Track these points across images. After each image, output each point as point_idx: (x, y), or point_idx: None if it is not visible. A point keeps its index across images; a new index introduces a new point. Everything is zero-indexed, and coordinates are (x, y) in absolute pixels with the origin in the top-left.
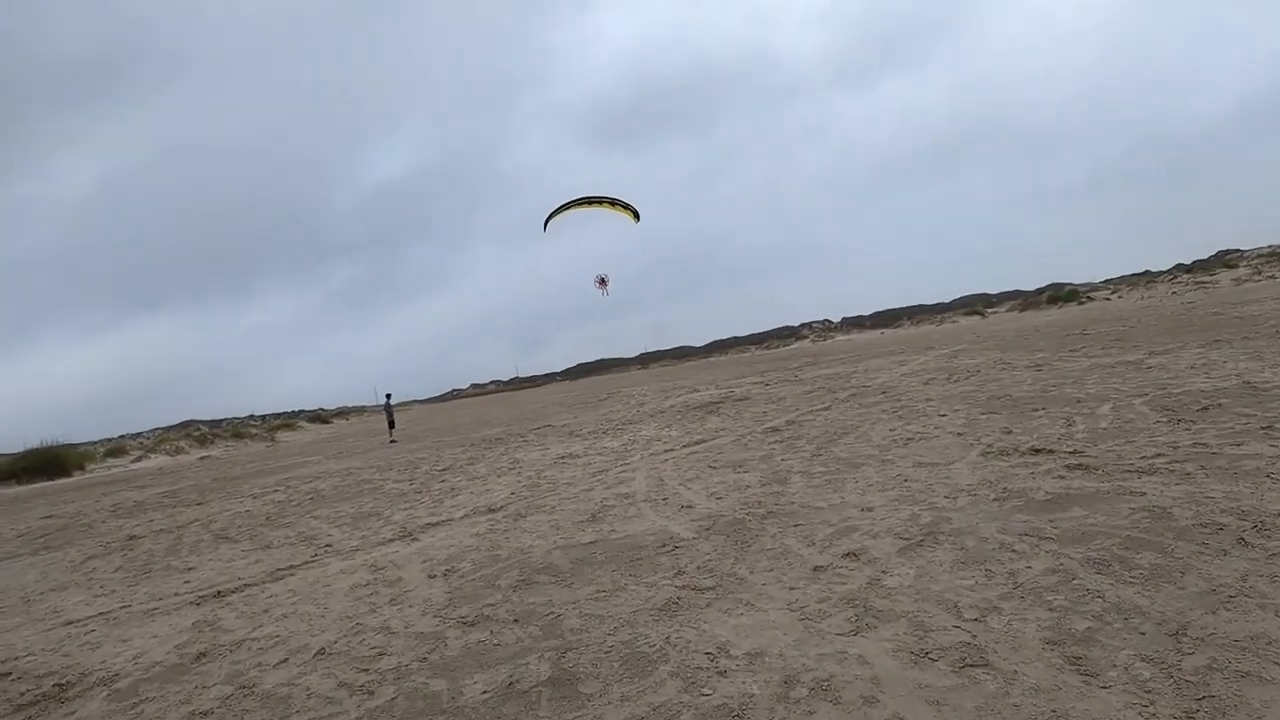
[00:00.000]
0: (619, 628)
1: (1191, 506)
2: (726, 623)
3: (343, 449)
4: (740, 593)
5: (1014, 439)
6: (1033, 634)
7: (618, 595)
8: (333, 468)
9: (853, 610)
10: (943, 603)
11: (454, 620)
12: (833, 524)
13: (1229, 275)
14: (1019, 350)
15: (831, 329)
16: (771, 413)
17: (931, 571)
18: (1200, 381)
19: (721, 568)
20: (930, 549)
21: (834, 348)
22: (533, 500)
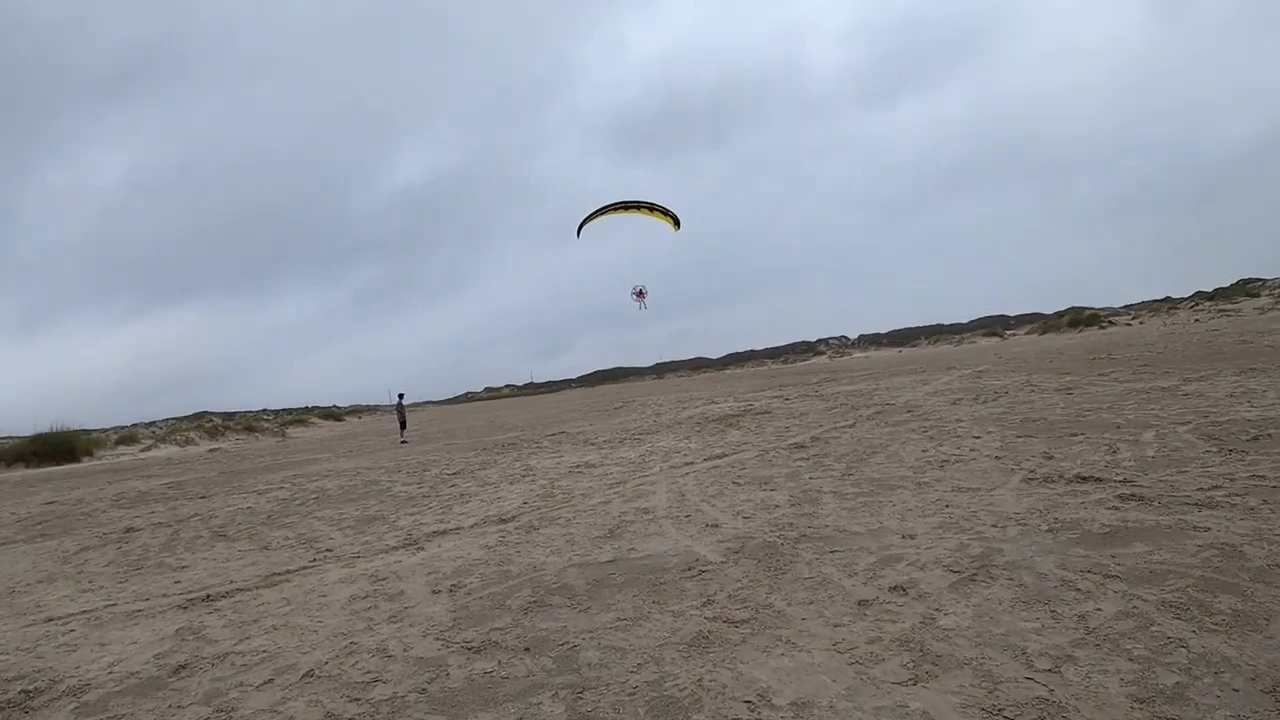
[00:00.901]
0: (643, 664)
1: (1263, 545)
2: (765, 664)
3: (353, 447)
4: (779, 628)
5: (1057, 465)
6: (1116, 689)
7: (640, 625)
8: (341, 466)
9: (908, 655)
10: (1008, 649)
11: (458, 645)
12: (873, 552)
13: (1251, 304)
14: (1046, 373)
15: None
16: (794, 428)
17: (991, 611)
18: (1245, 410)
19: (755, 598)
20: (985, 585)
21: (852, 364)
22: (546, 511)
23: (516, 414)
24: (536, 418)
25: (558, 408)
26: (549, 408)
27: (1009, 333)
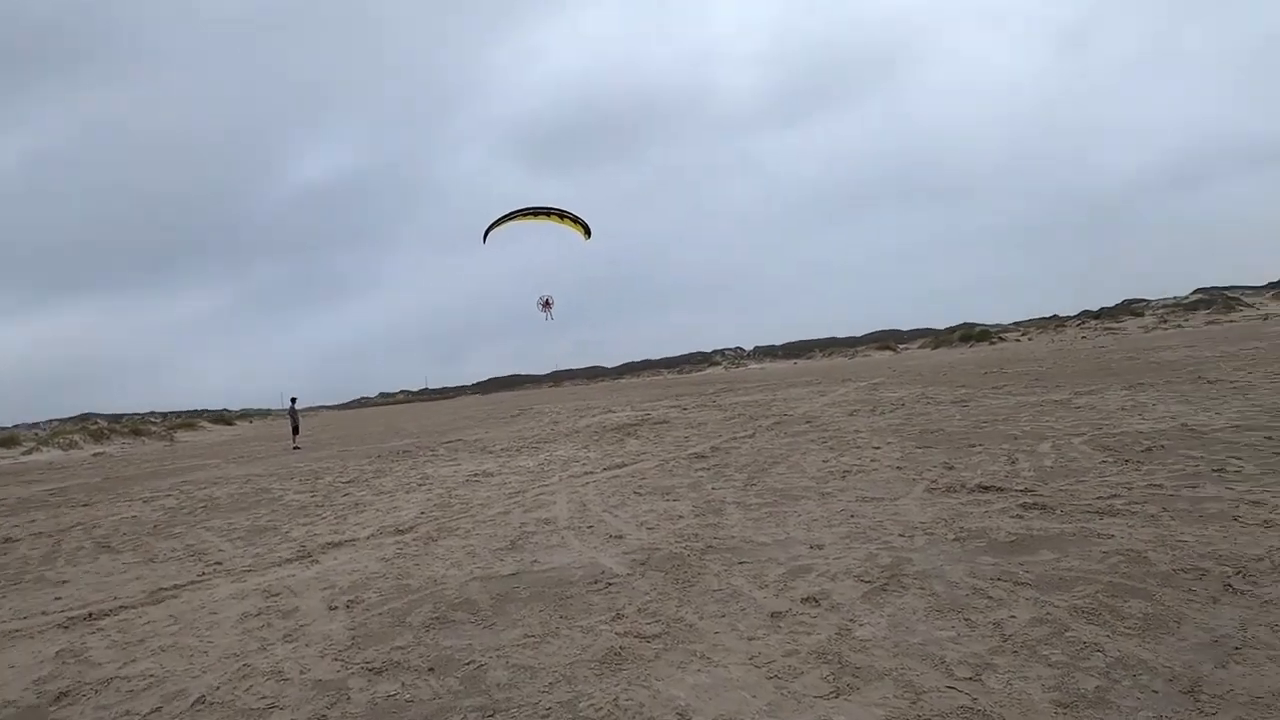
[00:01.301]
0: (555, 684)
1: (1167, 551)
2: (683, 681)
3: (244, 453)
4: (692, 642)
5: (958, 475)
6: (1039, 695)
7: (549, 642)
8: (231, 473)
9: (827, 667)
10: (927, 658)
11: (358, 666)
12: (782, 562)
13: (1136, 323)
14: (941, 385)
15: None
16: (693, 438)
17: (906, 621)
18: (1137, 423)
19: (665, 611)
20: (897, 594)
21: (748, 375)
22: (445, 522)
23: (412, 420)
24: (433, 424)
25: (454, 414)
26: (445, 414)
27: (902, 347)
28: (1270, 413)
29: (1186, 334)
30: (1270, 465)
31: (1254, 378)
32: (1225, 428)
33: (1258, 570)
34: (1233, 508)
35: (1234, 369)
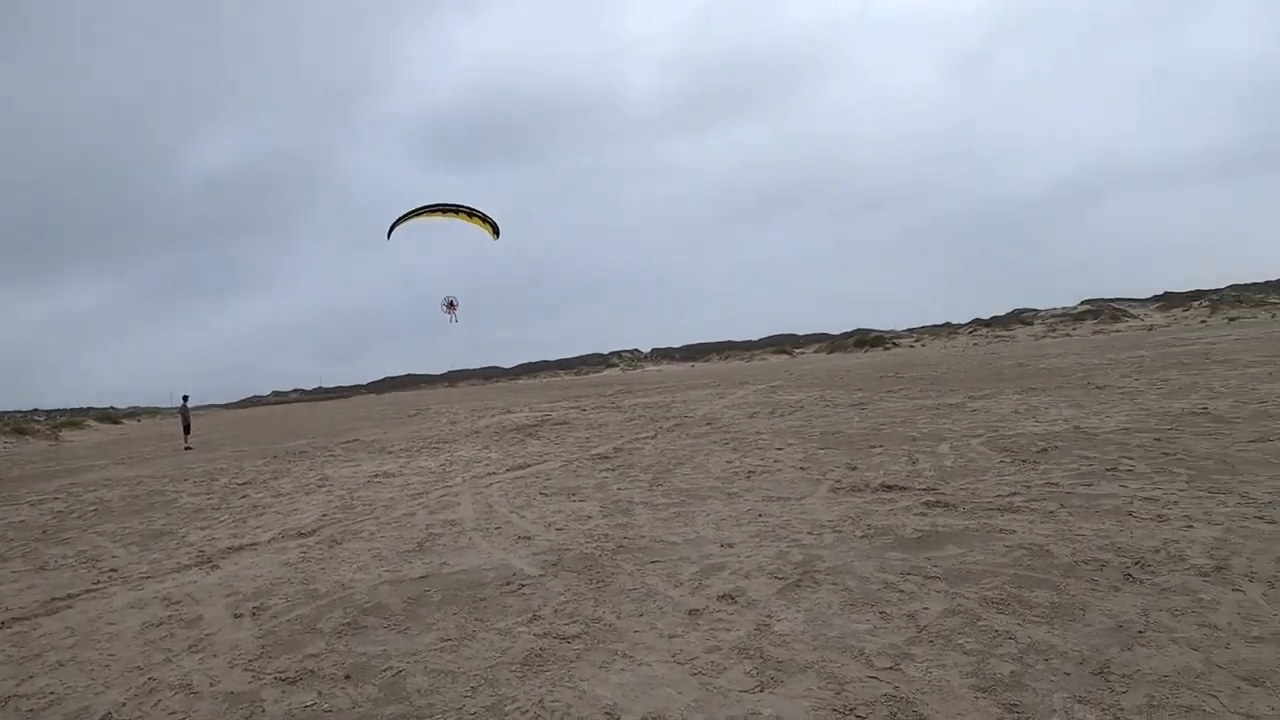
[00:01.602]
0: (477, 688)
1: (1067, 544)
2: (607, 680)
3: (133, 453)
4: (613, 642)
5: (861, 475)
6: (958, 681)
7: (467, 645)
8: (121, 474)
9: (750, 662)
10: (847, 650)
11: (271, 676)
12: (695, 561)
13: (1026, 331)
14: (838, 389)
15: (642, 359)
16: (595, 439)
17: (822, 615)
18: (1030, 425)
19: (582, 611)
20: (812, 590)
21: (646, 377)
22: (348, 524)
23: (307, 420)
24: (328, 424)
25: (349, 414)
26: (340, 414)
27: (798, 351)
28: (1157, 416)
29: (1074, 342)
30: (1160, 465)
31: (1140, 384)
32: (1116, 430)
33: (1154, 561)
34: (1127, 504)
35: (1121, 376)
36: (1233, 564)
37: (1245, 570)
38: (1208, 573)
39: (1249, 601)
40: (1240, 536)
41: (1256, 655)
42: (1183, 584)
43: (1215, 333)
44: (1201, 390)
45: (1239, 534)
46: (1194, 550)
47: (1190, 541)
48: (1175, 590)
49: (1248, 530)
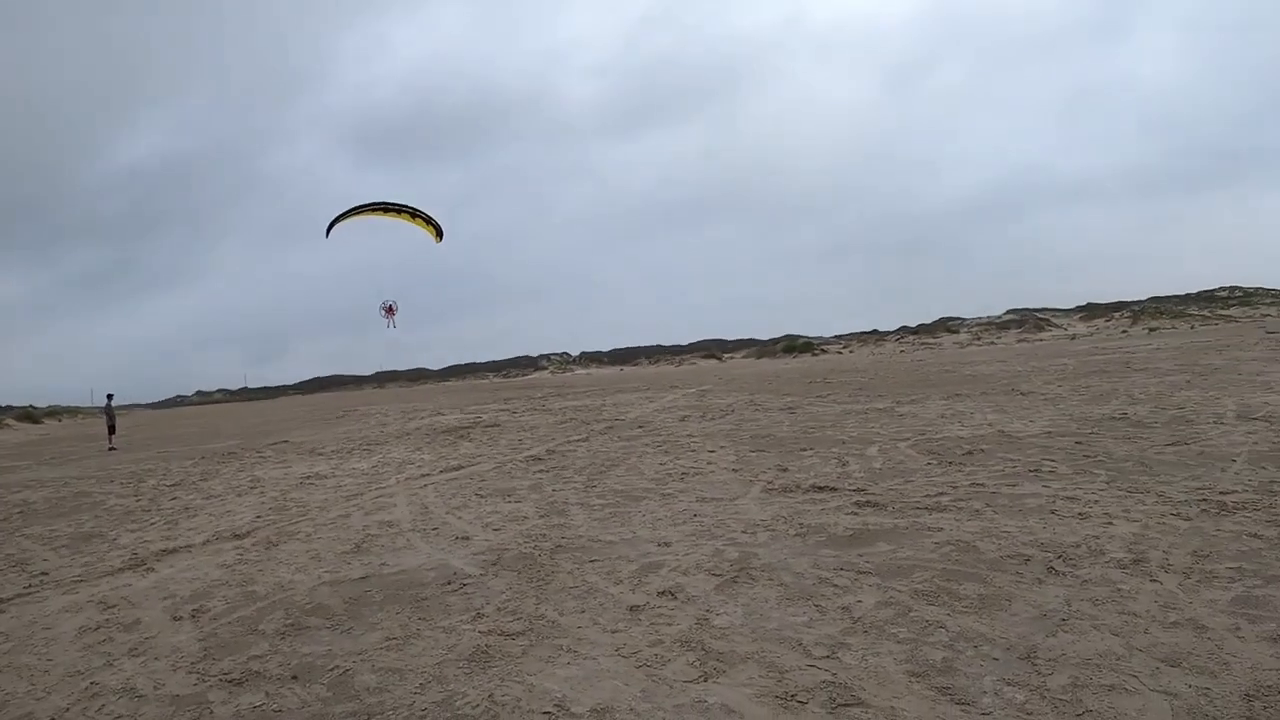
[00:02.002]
0: (426, 684)
1: (993, 540)
2: (554, 674)
3: (56, 454)
4: (557, 638)
5: (792, 476)
6: (893, 668)
7: (413, 643)
8: (45, 475)
9: (692, 654)
10: (785, 641)
11: (216, 678)
12: (633, 559)
13: (951, 339)
14: (768, 393)
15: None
16: (527, 441)
17: (760, 609)
18: (956, 429)
19: (525, 609)
20: (749, 585)
21: (575, 380)
22: (283, 526)
23: (233, 421)
24: (255, 425)
25: (276, 415)
26: (267, 415)
27: (727, 356)
28: (1079, 421)
29: (999, 350)
30: (1081, 466)
31: (1063, 390)
32: (1039, 434)
33: (1076, 555)
34: (1050, 503)
35: (1044, 383)
36: (1150, 557)
37: (1162, 563)
38: (1126, 565)
39: (1166, 591)
40: (1157, 532)
41: (1174, 639)
42: (1103, 576)
43: (1135, 342)
44: (1121, 396)
45: (1156, 530)
46: (1113, 545)
47: (1110, 537)
48: (1096, 582)
49: (1164, 526)
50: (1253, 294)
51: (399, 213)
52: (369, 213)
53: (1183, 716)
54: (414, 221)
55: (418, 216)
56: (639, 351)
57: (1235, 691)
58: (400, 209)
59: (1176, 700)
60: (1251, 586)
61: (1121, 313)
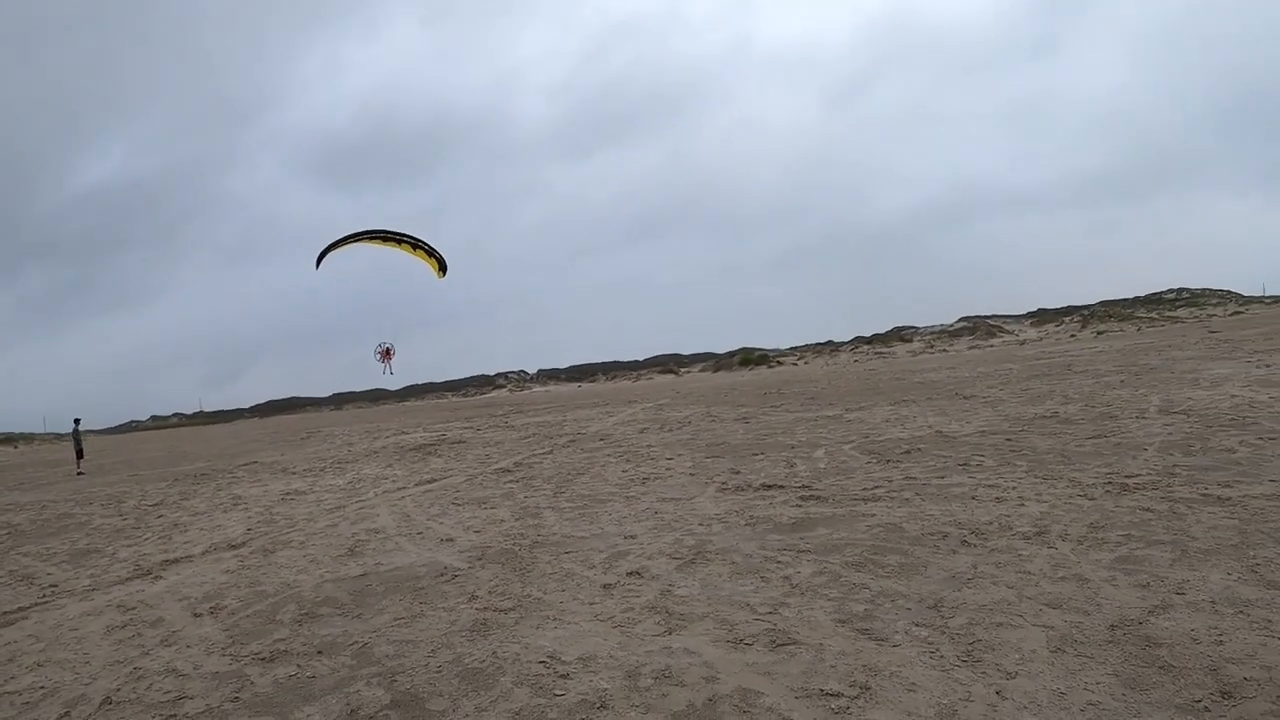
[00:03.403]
0: (437, 649)
1: (917, 522)
2: (545, 635)
3: (23, 479)
4: (543, 610)
5: (744, 478)
6: (823, 618)
7: (419, 621)
8: (21, 499)
9: (659, 616)
10: (735, 604)
11: (248, 657)
12: (603, 550)
13: (905, 348)
14: (723, 405)
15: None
16: (495, 455)
17: (714, 582)
18: (898, 432)
19: (513, 591)
20: (704, 565)
21: (534, 398)
22: (275, 536)
23: (195, 444)
24: (219, 448)
25: (238, 438)
26: (229, 438)
27: (683, 370)
28: (1011, 420)
29: (950, 357)
30: (1006, 459)
31: (1004, 394)
32: (973, 433)
33: (988, 530)
34: (972, 490)
35: (988, 387)
36: (1052, 529)
37: (1061, 534)
38: (1030, 537)
39: (1059, 555)
40: (1063, 510)
41: (1058, 589)
42: (1008, 545)
43: (1082, 345)
44: (1057, 397)
45: (1062, 508)
46: (1021, 522)
47: (1020, 516)
48: (1002, 550)
49: (1070, 505)
50: (1199, 295)
51: (399, 243)
52: (366, 240)
53: (1055, 642)
54: (415, 253)
55: (419, 248)
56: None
57: (1102, 624)
58: (400, 239)
59: (1052, 631)
60: (1134, 549)
61: (1071, 317)
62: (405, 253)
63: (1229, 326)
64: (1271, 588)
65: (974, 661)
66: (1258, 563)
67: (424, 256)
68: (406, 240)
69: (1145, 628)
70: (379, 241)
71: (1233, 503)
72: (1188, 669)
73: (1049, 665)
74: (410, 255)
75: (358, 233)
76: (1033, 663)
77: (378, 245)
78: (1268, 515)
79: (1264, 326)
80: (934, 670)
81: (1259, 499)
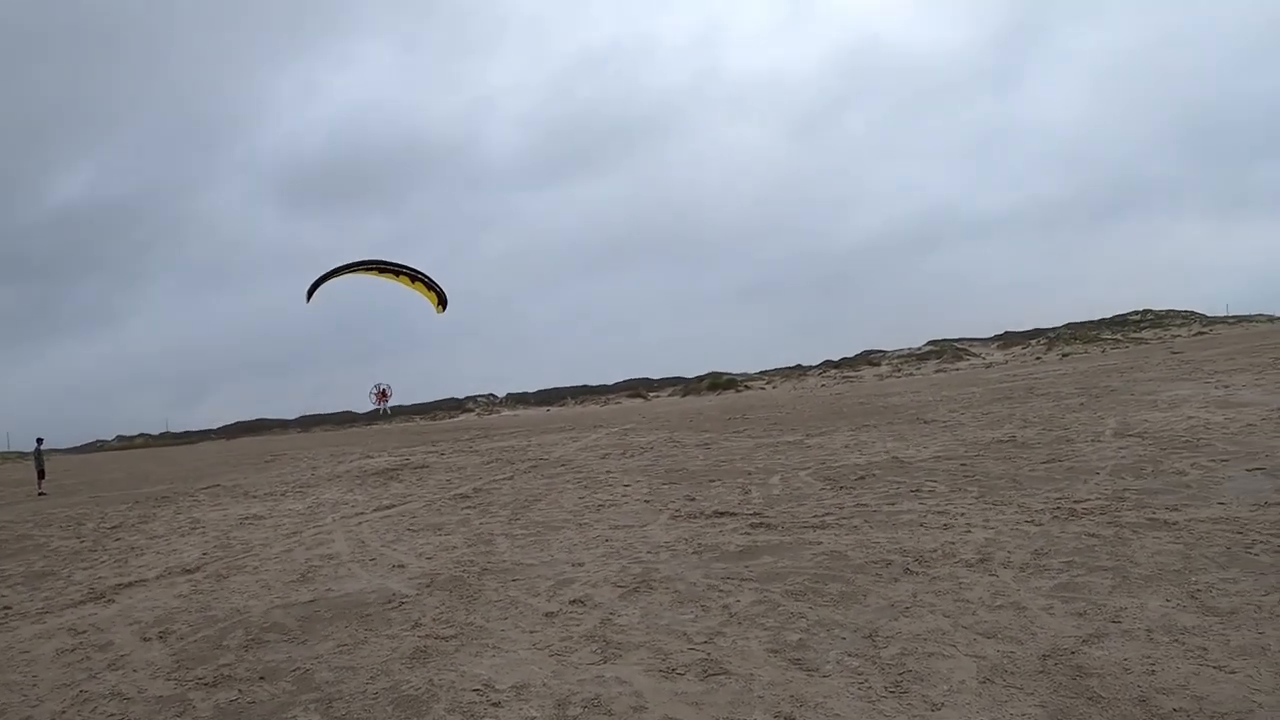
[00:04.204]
0: (376, 676)
1: (863, 550)
2: (482, 663)
3: None
4: (484, 639)
5: (698, 505)
6: (757, 647)
7: (361, 648)
8: None
9: (596, 644)
10: (673, 633)
11: (192, 682)
12: (550, 578)
13: (872, 371)
14: (687, 430)
15: (497, 404)
16: (455, 480)
17: (655, 611)
18: (855, 457)
19: (456, 618)
20: (647, 593)
21: (502, 422)
22: (230, 561)
23: (159, 466)
24: (183, 470)
25: (202, 460)
26: (193, 460)
27: (652, 394)
28: (968, 445)
29: (916, 381)
30: (958, 485)
31: (964, 418)
32: (928, 458)
33: (932, 558)
34: (921, 517)
35: (949, 411)
36: (995, 557)
37: (1004, 561)
38: (973, 564)
39: (1000, 583)
40: (1008, 537)
41: (994, 618)
42: (950, 573)
43: (1046, 368)
44: (1016, 421)
45: (1008, 535)
46: (966, 549)
47: (965, 543)
48: (943, 579)
49: (1016, 531)
50: (1164, 316)
51: (396, 274)
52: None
53: (985, 672)
54: (414, 286)
55: (417, 280)
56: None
57: (1035, 654)
58: (398, 270)
59: (983, 661)
60: (1075, 576)
61: (1038, 340)
62: (404, 285)
63: (1191, 347)
64: (1210, 614)
65: (901, 692)
66: (1198, 588)
67: (423, 290)
68: (405, 272)
69: (1077, 657)
70: (375, 272)
71: (1179, 527)
72: (1117, 700)
73: (976, 696)
74: (409, 288)
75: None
76: (960, 694)
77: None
78: (1213, 539)
79: (1226, 347)
80: (860, 701)
81: (1205, 522)
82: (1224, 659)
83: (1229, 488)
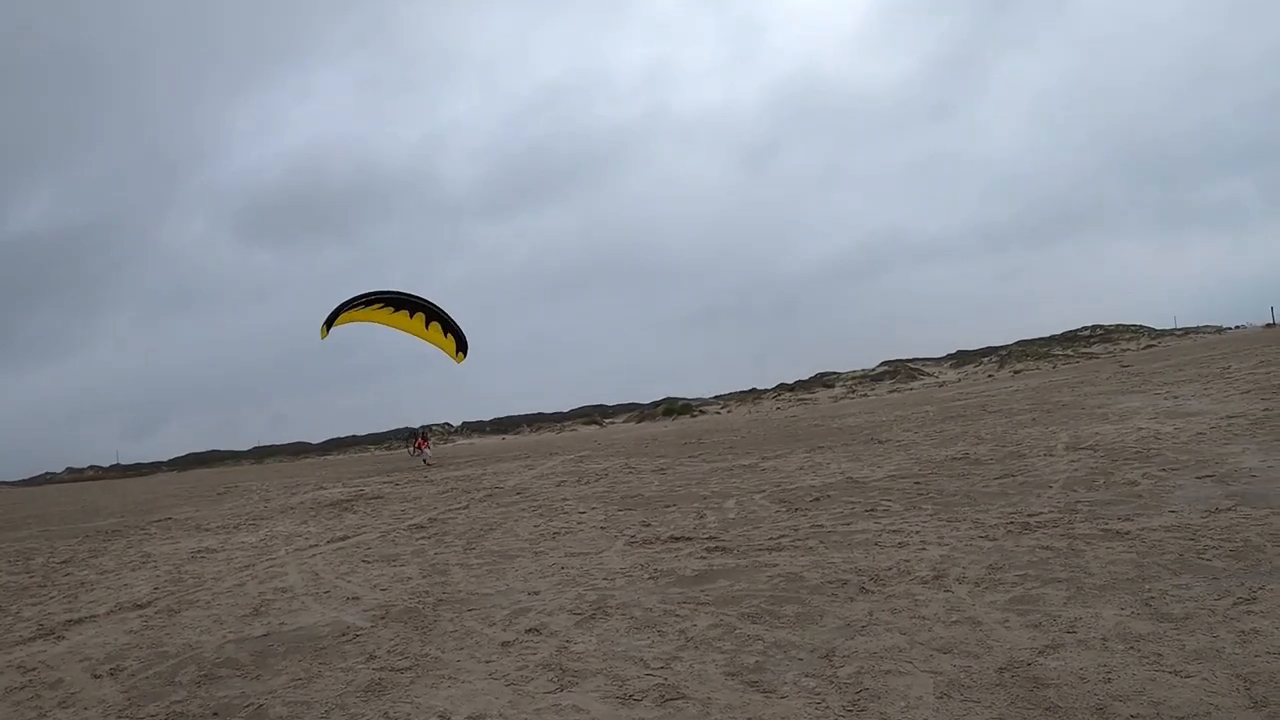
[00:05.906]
0: (330, 710)
1: (819, 570)
2: (437, 695)
3: None
4: (440, 670)
5: (654, 530)
6: (713, 671)
7: (316, 682)
8: None
9: (552, 673)
10: (629, 659)
11: (144, 719)
12: (506, 607)
13: (827, 394)
14: (642, 456)
15: (452, 433)
16: (410, 510)
17: (611, 637)
18: (810, 479)
19: (412, 650)
20: (604, 620)
21: (457, 451)
22: (182, 595)
23: (109, 498)
24: (134, 503)
25: (154, 492)
26: (144, 492)
27: (608, 421)
28: (922, 463)
29: (870, 402)
30: (913, 504)
31: (918, 437)
32: (883, 478)
33: (887, 577)
34: (876, 536)
35: (903, 430)
36: (950, 573)
37: (959, 576)
38: (928, 581)
39: (955, 598)
40: (962, 553)
41: (950, 634)
42: (905, 591)
43: (998, 385)
44: (969, 438)
45: (962, 551)
46: (921, 566)
47: (920, 560)
48: (899, 596)
49: (971, 548)
50: (1113, 330)
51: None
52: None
53: (942, 687)
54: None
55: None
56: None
57: (991, 667)
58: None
59: (940, 676)
60: (1030, 589)
61: (990, 358)
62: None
63: (1141, 360)
64: (1164, 620)
65: (859, 710)
66: (1152, 595)
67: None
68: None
69: (1034, 669)
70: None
71: (1131, 536)
72: (1074, 709)
73: (934, 712)
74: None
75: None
76: (918, 709)
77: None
78: (1165, 547)
79: (1174, 359)
80: None
81: (1157, 531)
82: (1180, 664)
83: (1180, 496)
